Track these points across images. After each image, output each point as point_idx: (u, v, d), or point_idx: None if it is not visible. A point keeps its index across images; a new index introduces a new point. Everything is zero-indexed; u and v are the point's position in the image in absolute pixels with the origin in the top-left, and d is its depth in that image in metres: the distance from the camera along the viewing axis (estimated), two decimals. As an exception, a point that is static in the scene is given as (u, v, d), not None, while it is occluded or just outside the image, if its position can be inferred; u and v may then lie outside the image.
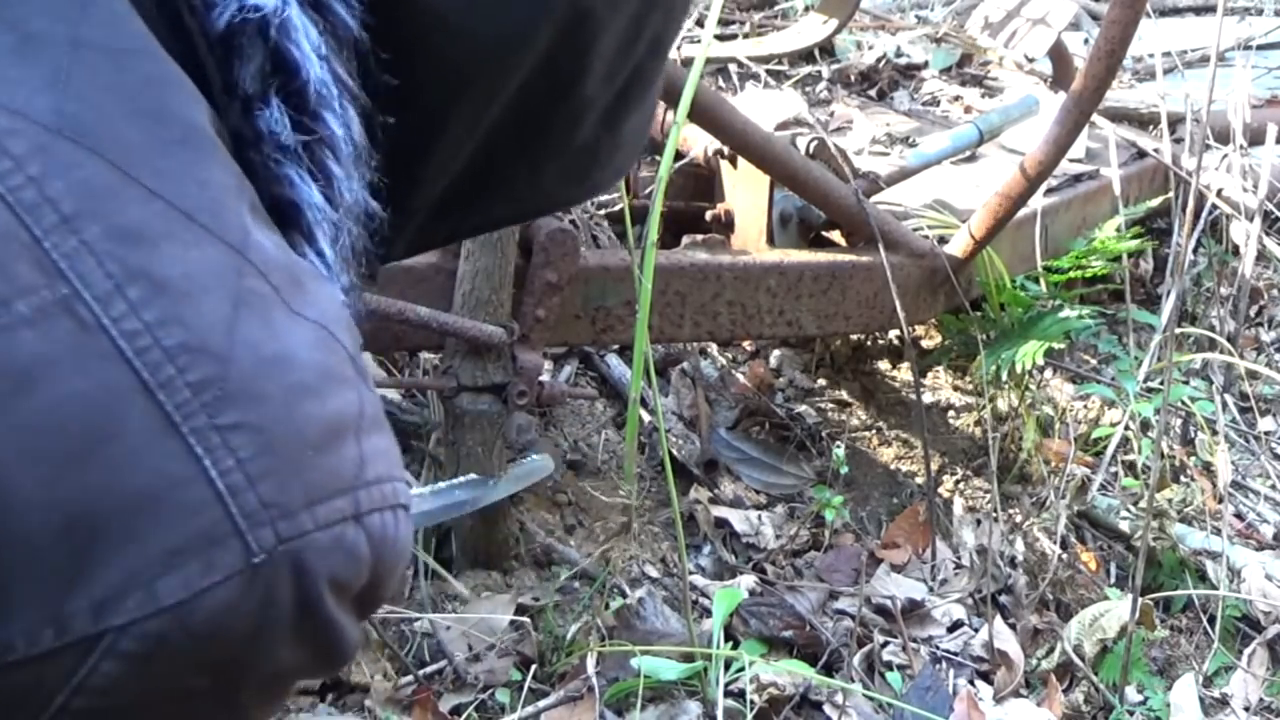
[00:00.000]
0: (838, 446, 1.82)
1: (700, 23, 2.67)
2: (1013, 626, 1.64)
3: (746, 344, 2.06)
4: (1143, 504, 1.69)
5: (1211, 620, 1.68)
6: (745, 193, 1.82)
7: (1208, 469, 1.96)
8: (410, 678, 1.39)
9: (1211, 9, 3.67)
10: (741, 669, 1.39)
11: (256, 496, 0.45)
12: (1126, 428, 1.86)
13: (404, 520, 0.51)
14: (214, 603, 0.45)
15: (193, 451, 0.44)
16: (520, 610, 1.47)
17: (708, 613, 1.52)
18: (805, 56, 2.69)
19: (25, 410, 0.42)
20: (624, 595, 1.51)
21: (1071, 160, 2.16)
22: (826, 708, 1.43)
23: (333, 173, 0.55)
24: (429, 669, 1.41)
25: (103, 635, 0.44)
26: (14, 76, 0.45)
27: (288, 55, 0.53)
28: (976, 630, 1.62)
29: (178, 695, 0.47)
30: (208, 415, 0.44)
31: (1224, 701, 1.58)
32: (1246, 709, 1.56)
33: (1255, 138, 2.31)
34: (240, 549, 0.45)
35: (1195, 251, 2.32)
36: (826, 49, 2.74)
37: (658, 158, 1.84)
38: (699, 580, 1.62)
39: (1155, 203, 2.19)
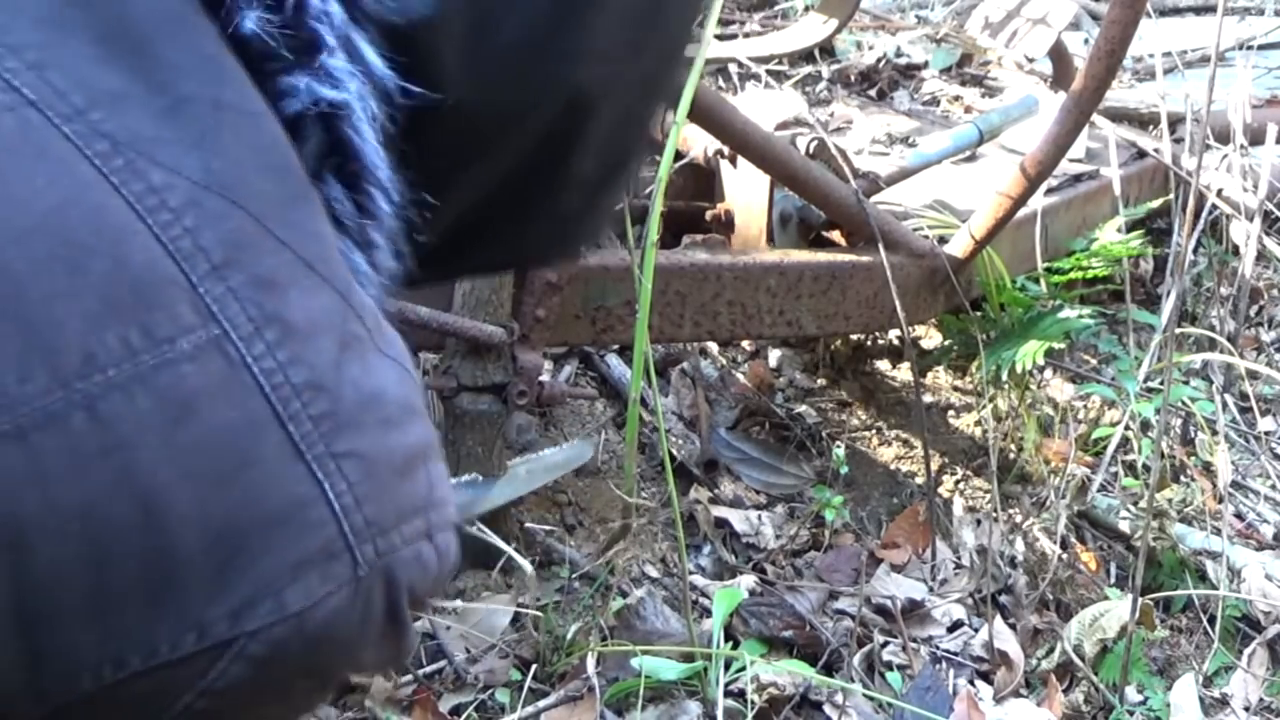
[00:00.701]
0: (838, 446, 1.82)
1: (700, 23, 2.67)
2: (1013, 626, 1.64)
3: (746, 344, 2.06)
4: (1143, 504, 1.69)
5: (1211, 620, 1.68)
6: (745, 193, 1.82)
7: (1208, 469, 1.96)
8: (410, 678, 1.39)
9: (1211, 9, 3.67)
10: (741, 669, 1.39)
11: (362, 517, 0.51)
12: (1126, 428, 1.86)
13: (454, 537, 0.57)
14: (327, 610, 0.50)
15: (315, 476, 0.50)
16: (520, 610, 1.47)
17: (708, 613, 1.52)
18: (805, 56, 2.69)
19: (187, 435, 0.47)
20: (624, 595, 1.51)
21: (1071, 160, 2.16)
22: (826, 708, 1.43)
23: (376, 243, 0.61)
24: (429, 669, 1.41)
25: (235, 640, 0.49)
26: (169, 137, 0.50)
27: (349, 141, 0.58)
28: (976, 630, 1.62)
29: (280, 693, 0.52)
30: (325, 445, 0.50)
31: (1224, 701, 1.58)
32: (1246, 709, 1.56)
33: (1255, 138, 2.31)
34: (350, 562, 0.51)
35: (1195, 251, 2.32)
36: (826, 49, 2.74)
37: (658, 158, 1.84)
38: (699, 580, 1.62)
39: (1156, 204, 2.19)
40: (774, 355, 2.07)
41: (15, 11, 0.50)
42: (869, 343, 2.12)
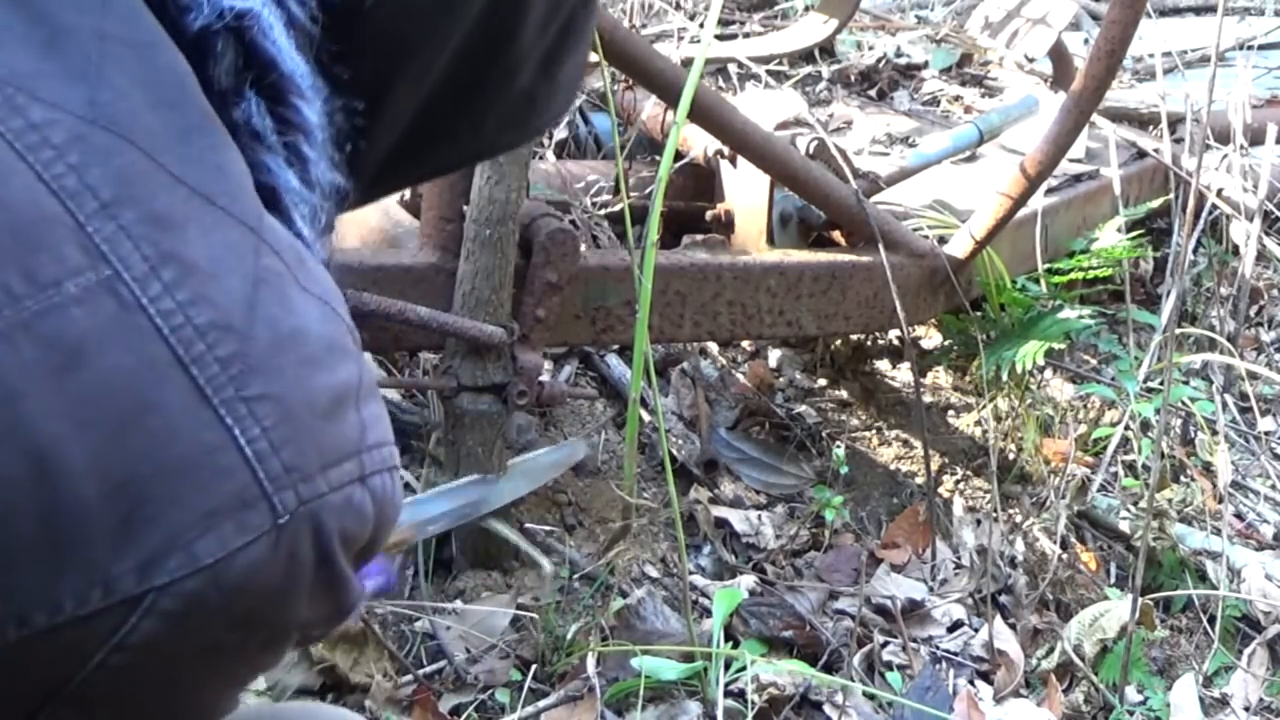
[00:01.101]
0: (838, 446, 1.82)
1: (700, 22, 2.67)
2: (1013, 626, 1.64)
3: (746, 344, 2.06)
4: (1143, 504, 1.69)
5: (1211, 620, 1.68)
6: (745, 193, 1.82)
7: (1208, 469, 1.96)
8: (410, 677, 1.39)
9: (1211, 9, 3.67)
10: (742, 669, 1.39)
11: (279, 462, 0.49)
12: (1126, 428, 1.86)
13: (397, 481, 0.55)
14: (245, 561, 0.48)
15: (223, 421, 0.47)
16: (520, 610, 1.47)
17: (708, 613, 1.52)
18: (805, 56, 2.69)
19: (77, 383, 0.45)
20: (624, 595, 1.51)
21: (1071, 160, 2.16)
22: (826, 708, 1.44)
23: (307, 156, 0.58)
24: (429, 669, 1.41)
25: (145, 595, 0.47)
26: (48, 69, 0.48)
27: (262, 51, 0.55)
28: (976, 630, 1.62)
29: (206, 649, 0.50)
30: (235, 388, 0.48)
31: (1224, 701, 1.58)
32: (1246, 709, 1.56)
33: (1255, 138, 2.31)
34: (268, 510, 0.48)
35: (1195, 251, 2.32)
36: (826, 49, 2.73)
37: (658, 158, 1.84)
38: (699, 580, 1.62)
39: (1156, 204, 2.19)
40: (774, 355, 2.07)
41: None
42: (869, 343, 2.12)
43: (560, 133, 2.21)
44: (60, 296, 0.45)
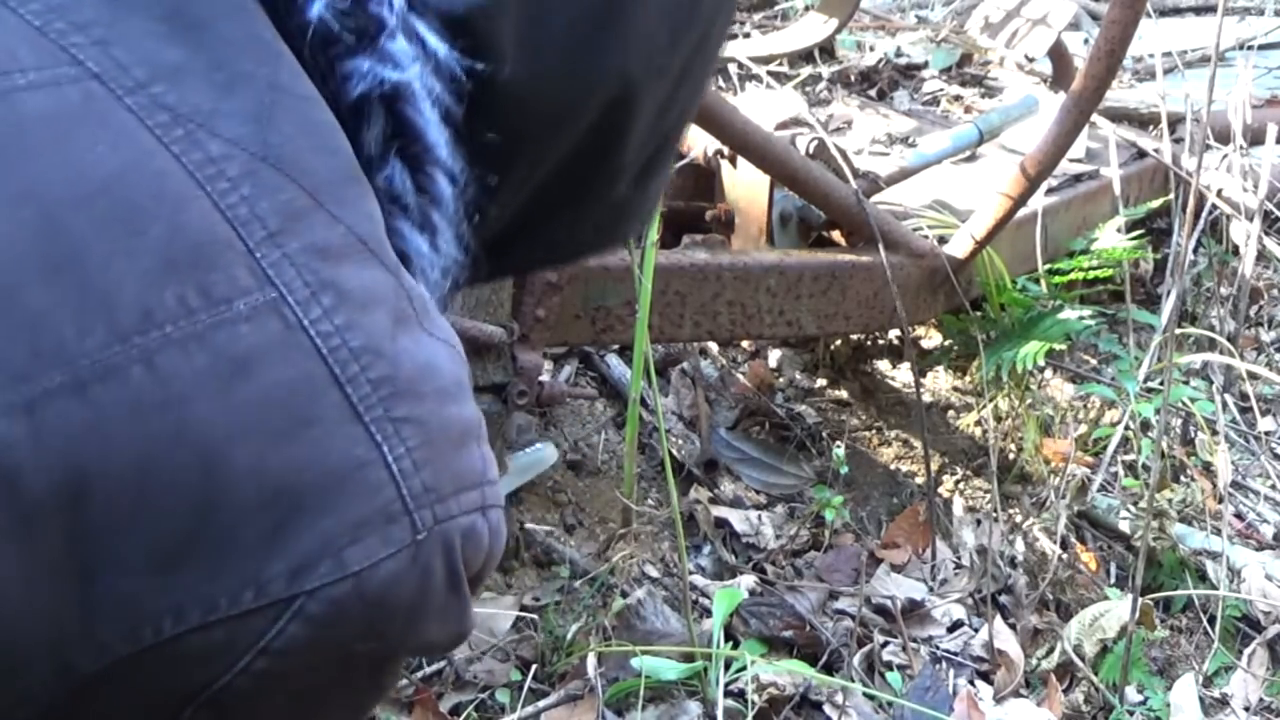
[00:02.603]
0: (838, 446, 1.82)
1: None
2: (1013, 626, 1.64)
3: (746, 344, 2.06)
4: (1143, 504, 1.69)
5: (1211, 620, 1.68)
6: (745, 193, 1.82)
7: (1208, 469, 1.96)
8: (410, 677, 1.38)
9: (1211, 9, 3.67)
10: (742, 669, 1.39)
11: (420, 481, 0.52)
12: (1126, 428, 1.86)
13: (504, 519, 0.58)
14: (387, 573, 0.51)
15: (374, 438, 0.51)
16: (521, 610, 1.47)
17: (708, 613, 1.52)
18: (805, 57, 2.69)
19: (243, 392, 0.48)
20: (624, 595, 1.51)
21: (1071, 160, 2.16)
22: (826, 708, 1.44)
23: (437, 226, 0.62)
24: (429, 669, 1.41)
25: (295, 599, 0.49)
26: (227, 110, 0.52)
27: (410, 122, 0.59)
28: (976, 630, 1.62)
29: (342, 662, 0.53)
30: (384, 408, 0.51)
31: (1224, 701, 1.58)
32: (1246, 709, 1.56)
33: (1255, 138, 2.31)
34: (409, 525, 0.51)
35: (1195, 251, 2.32)
36: (826, 49, 2.73)
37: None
38: (699, 580, 1.62)
39: (1156, 204, 2.19)
40: (774, 355, 2.07)
41: None
42: (869, 343, 2.12)
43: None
44: (231, 313, 0.48)
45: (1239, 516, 1.93)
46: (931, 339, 2.11)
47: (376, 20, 0.58)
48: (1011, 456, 1.92)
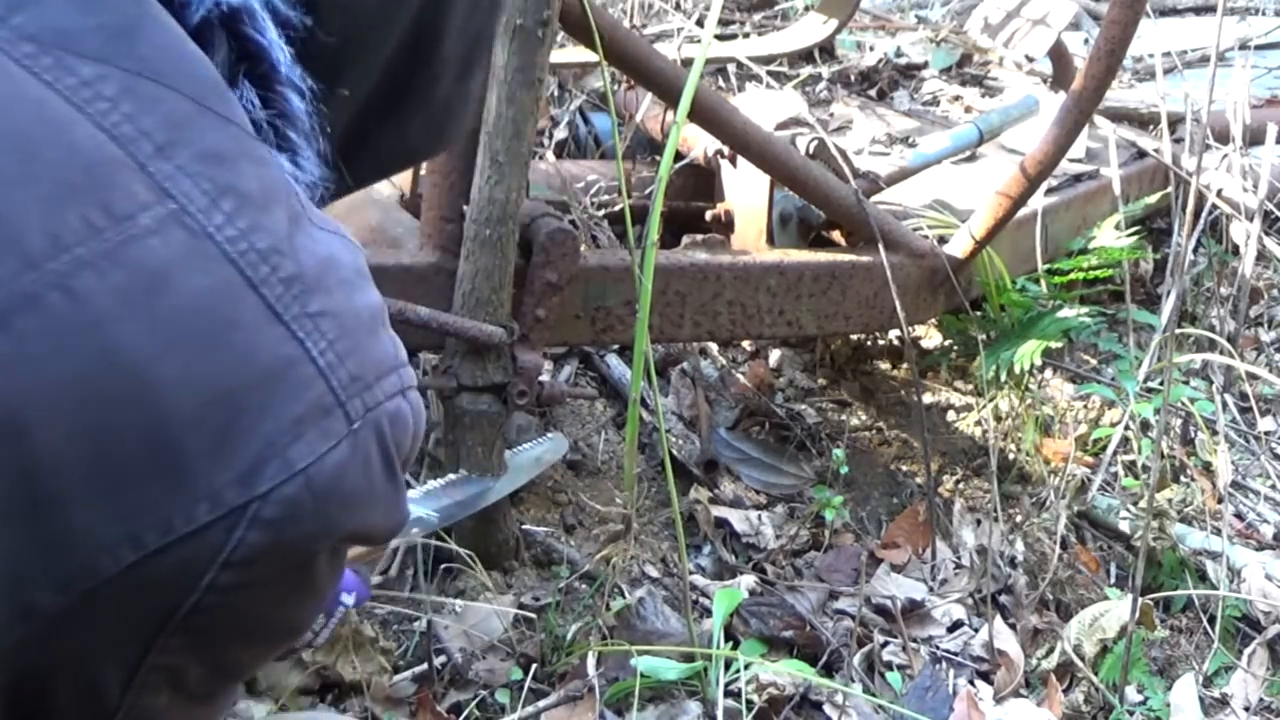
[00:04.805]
0: (838, 446, 1.82)
1: (700, 23, 2.67)
2: (1013, 626, 1.64)
3: (746, 344, 2.06)
4: (1143, 504, 1.69)
5: (1211, 620, 1.68)
6: (745, 193, 1.82)
7: (1208, 469, 1.96)
8: (409, 677, 1.39)
9: (1211, 9, 3.67)
10: (744, 667, 1.39)
11: (346, 372, 0.53)
12: (1126, 428, 1.86)
13: (420, 398, 0.59)
14: (332, 464, 0.51)
15: (295, 336, 0.51)
16: (521, 610, 1.47)
17: (708, 613, 1.52)
18: (805, 57, 2.69)
19: (164, 305, 0.48)
20: (624, 595, 1.51)
21: (1071, 160, 2.16)
22: (826, 708, 1.44)
23: (296, 144, 0.62)
24: (428, 668, 1.41)
25: (249, 504, 0.49)
26: (94, 25, 0.51)
27: (253, 43, 0.59)
28: (976, 630, 1.62)
29: (304, 563, 0.53)
30: (299, 305, 0.52)
31: (1224, 701, 1.58)
32: (1246, 709, 1.56)
33: (1255, 138, 2.31)
34: (343, 416, 0.52)
35: (1195, 251, 2.32)
36: (826, 49, 2.74)
37: (658, 158, 1.84)
38: (699, 580, 1.62)
39: (1154, 199, 2.18)
40: (774, 355, 2.07)
41: None
42: (869, 343, 2.12)
43: (560, 133, 2.21)
44: (136, 228, 0.48)
45: (1239, 516, 1.93)
46: (931, 339, 2.11)
47: None
48: (1011, 456, 1.92)
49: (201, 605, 0.50)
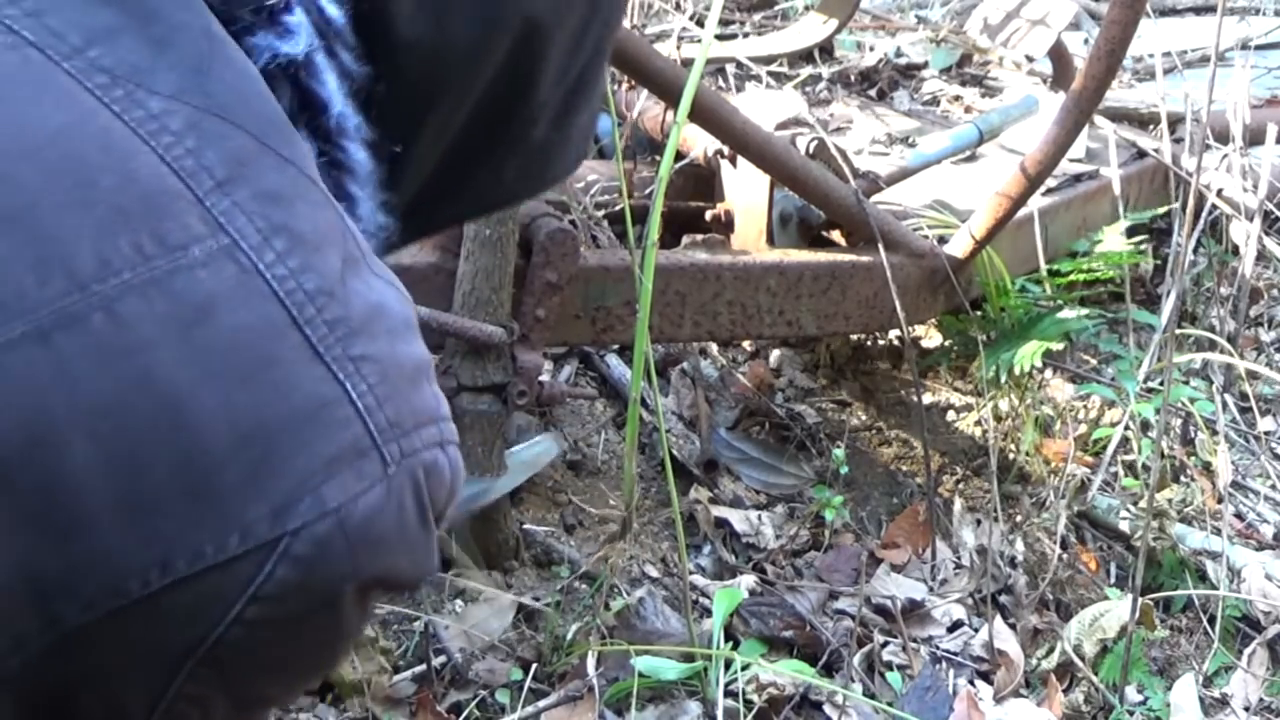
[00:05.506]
0: (838, 446, 1.82)
1: (700, 23, 2.67)
2: (1013, 626, 1.64)
3: (746, 344, 2.06)
4: (1143, 504, 1.69)
5: (1211, 620, 1.68)
6: (745, 193, 1.82)
7: (1208, 469, 1.96)
8: (409, 677, 1.38)
9: (1211, 9, 3.67)
10: (743, 668, 1.39)
11: (384, 416, 0.53)
12: (1126, 428, 1.86)
13: (459, 455, 0.59)
14: (365, 507, 0.51)
15: (336, 376, 0.51)
16: (521, 610, 1.47)
17: (708, 613, 1.52)
18: (805, 57, 2.69)
19: (204, 337, 0.49)
20: (624, 595, 1.51)
21: (1071, 160, 2.16)
22: (826, 708, 1.44)
23: (353, 195, 0.63)
24: (428, 668, 1.41)
25: (280, 539, 0.49)
26: (165, 63, 0.52)
27: (314, 94, 0.60)
28: (976, 630, 1.62)
29: (329, 603, 0.53)
30: (342, 348, 0.52)
31: (1224, 701, 1.58)
32: (1246, 709, 1.56)
33: (1255, 138, 2.31)
34: (379, 460, 0.52)
35: (1195, 251, 2.32)
36: (826, 49, 2.73)
37: (658, 158, 1.83)
38: (699, 580, 1.62)
39: (1160, 211, 2.19)
40: (774, 355, 2.07)
41: None
42: (869, 343, 2.12)
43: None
44: (187, 259, 0.49)
45: (1239, 516, 1.93)
46: (931, 339, 2.11)
47: None
48: (1011, 456, 1.92)
49: (227, 638, 0.50)
